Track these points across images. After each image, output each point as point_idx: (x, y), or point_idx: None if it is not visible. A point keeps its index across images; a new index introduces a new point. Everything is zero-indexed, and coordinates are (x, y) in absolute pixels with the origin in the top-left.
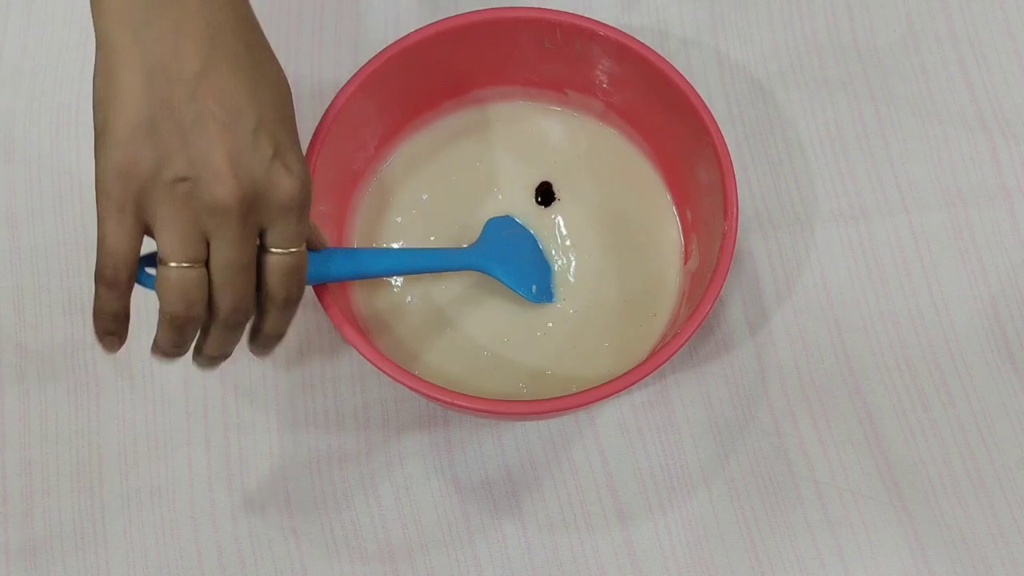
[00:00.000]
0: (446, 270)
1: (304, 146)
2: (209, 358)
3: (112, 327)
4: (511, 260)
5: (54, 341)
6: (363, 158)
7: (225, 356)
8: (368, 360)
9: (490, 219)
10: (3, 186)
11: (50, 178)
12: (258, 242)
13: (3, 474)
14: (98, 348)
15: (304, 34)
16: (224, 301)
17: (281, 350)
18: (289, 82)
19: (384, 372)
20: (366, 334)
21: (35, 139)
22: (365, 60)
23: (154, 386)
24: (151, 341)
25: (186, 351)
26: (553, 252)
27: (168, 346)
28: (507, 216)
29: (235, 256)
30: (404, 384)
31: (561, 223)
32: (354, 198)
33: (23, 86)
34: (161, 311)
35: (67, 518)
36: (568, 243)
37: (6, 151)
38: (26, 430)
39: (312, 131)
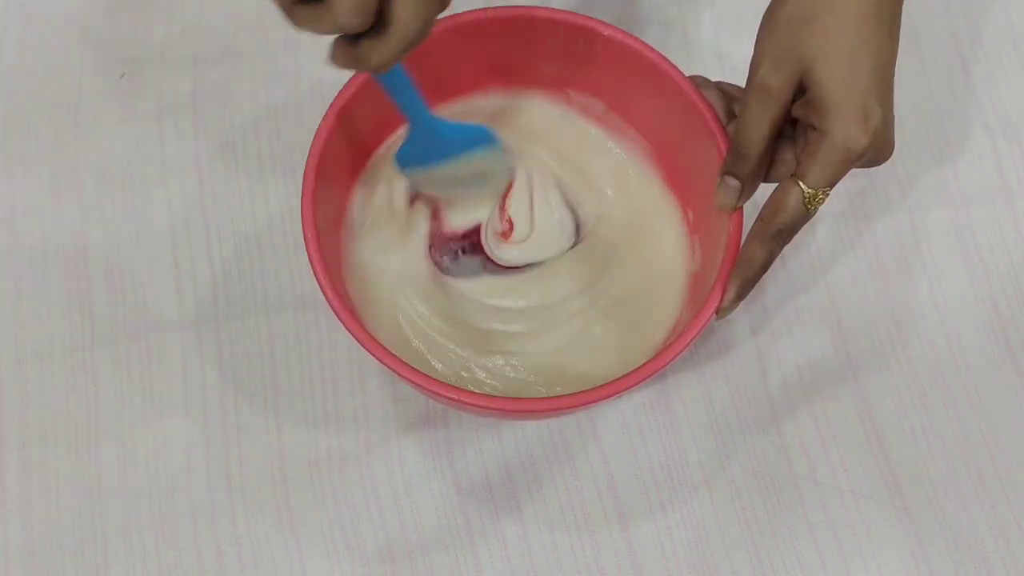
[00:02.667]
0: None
1: (305, 146)
2: (376, 68)
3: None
4: (436, 146)
5: (54, 341)
6: (366, 154)
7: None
8: (371, 353)
9: (483, 128)
10: (3, 186)
11: (50, 178)
12: None
13: (3, 474)
14: (98, 348)
15: None
16: (414, 21)
17: (281, 350)
18: (290, 79)
19: (386, 365)
20: (366, 327)
21: (35, 137)
22: None
23: (153, 386)
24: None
25: (366, 61)
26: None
27: (345, 60)
28: (495, 145)
29: None
30: (399, 373)
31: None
32: (351, 194)
33: (23, 86)
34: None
35: (67, 518)
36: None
37: (6, 150)
38: (26, 430)
39: (313, 130)
